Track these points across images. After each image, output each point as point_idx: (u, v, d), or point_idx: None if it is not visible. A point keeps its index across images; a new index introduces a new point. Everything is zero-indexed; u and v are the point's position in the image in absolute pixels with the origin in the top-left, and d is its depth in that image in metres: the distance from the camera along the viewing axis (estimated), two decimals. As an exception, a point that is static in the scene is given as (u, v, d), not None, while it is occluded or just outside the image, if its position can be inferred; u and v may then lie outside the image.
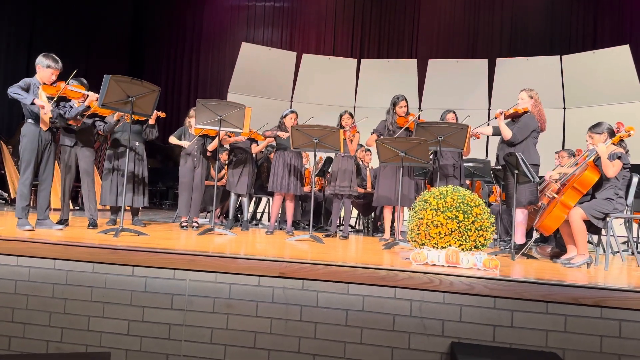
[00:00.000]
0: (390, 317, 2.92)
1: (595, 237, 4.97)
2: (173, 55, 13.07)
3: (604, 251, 4.04)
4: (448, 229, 3.21)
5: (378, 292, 2.94)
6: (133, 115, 4.45)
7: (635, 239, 5.56)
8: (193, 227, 5.42)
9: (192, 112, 5.47)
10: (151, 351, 3.15)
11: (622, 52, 9.43)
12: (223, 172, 6.82)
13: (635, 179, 4.20)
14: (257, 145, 6.07)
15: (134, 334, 3.16)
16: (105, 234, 4.19)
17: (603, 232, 4.11)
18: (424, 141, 4.62)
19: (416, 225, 3.34)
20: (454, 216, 3.20)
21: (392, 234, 5.46)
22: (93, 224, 4.78)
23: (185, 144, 5.43)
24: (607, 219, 3.86)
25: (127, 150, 4.52)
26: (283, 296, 3.03)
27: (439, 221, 3.22)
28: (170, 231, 5.05)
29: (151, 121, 5.28)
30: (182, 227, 5.36)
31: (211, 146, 5.54)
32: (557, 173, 4.60)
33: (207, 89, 12.59)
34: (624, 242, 6.01)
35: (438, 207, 3.24)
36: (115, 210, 5.31)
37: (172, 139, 5.51)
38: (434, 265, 3.17)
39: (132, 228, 4.40)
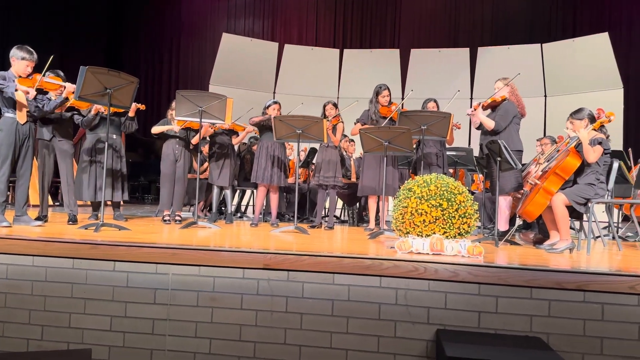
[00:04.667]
0: (376, 306, 2.91)
1: (577, 223, 5.03)
2: (152, 47, 12.87)
3: (586, 236, 4.08)
4: (432, 216, 3.21)
5: (363, 281, 2.93)
6: (111, 108, 4.35)
7: (615, 224, 5.65)
8: (176, 220, 5.35)
9: (174, 104, 5.38)
10: (135, 347, 3.11)
11: (602, 40, 9.53)
12: (206, 164, 6.75)
13: (615, 164, 4.25)
14: (237, 136, 5.99)
15: (117, 329, 3.11)
16: (86, 229, 4.11)
17: (585, 217, 4.16)
18: (407, 130, 4.61)
19: (401, 214, 3.33)
20: (437, 204, 3.20)
21: (377, 223, 5.46)
22: (73, 220, 4.69)
23: (172, 127, 5.34)
24: (589, 204, 3.90)
25: (106, 143, 4.43)
26: (268, 288, 3.00)
27: (423, 209, 3.22)
28: (153, 225, 4.98)
29: (130, 113, 5.17)
30: (165, 221, 5.30)
31: (195, 139, 5.46)
32: (538, 162, 4.65)
33: (188, 81, 12.43)
34: (604, 227, 6.10)
35: (422, 196, 3.24)
36: (97, 206, 5.21)
37: (156, 128, 5.42)
38: (419, 253, 3.17)
39: (113, 223, 4.33)
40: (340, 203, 7.48)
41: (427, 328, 2.86)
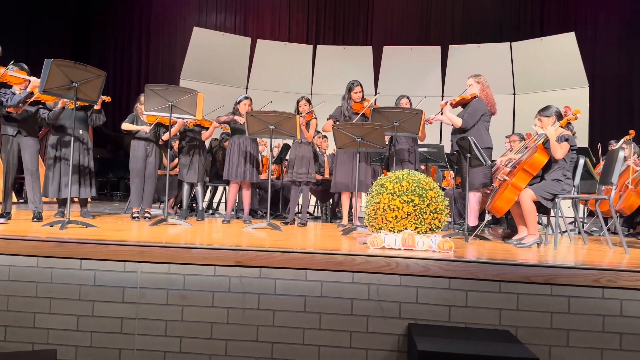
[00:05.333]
0: (348, 302, 2.91)
1: (544, 218, 5.15)
2: (121, 40, 12.57)
3: (553, 231, 4.18)
4: (404, 212, 3.23)
5: (336, 277, 2.93)
6: (78, 102, 4.23)
7: (581, 219, 5.80)
8: (145, 218, 5.25)
9: (142, 98, 5.26)
10: (103, 346, 3.04)
11: (568, 40, 9.77)
12: (176, 161, 6.64)
13: (581, 161, 4.35)
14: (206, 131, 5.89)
15: (84, 329, 3.03)
16: (51, 226, 3.99)
17: (552, 212, 4.26)
18: (380, 126, 4.63)
19: (373, 210, 3.34)
20: (409, 200, 3.23)
21: (350, 219, 5.48)
22: (38, 217, 4.55)
23: (143, 128, 5.22)
24: (556, 199, 4.00)
25: (72, 138, 4.30)
26: (240, 285, 2.97)
27: (395, 205, 3.24)
28: (121, 222, 4.88)
29: (97, 106, 5.04)
30: (134, 218, 5.19)
31: (166, 136, 5.36)
32: (507, 159, 4.73)
33: (158, 75, 12.19)
34: (571, 222, 6.27)
35: (394, 191, 3.25)
36: (63, 203, 5.07)
37: (126, 125, 5.29)
38: (391, 248, 3.19)
39: (79, 220, 4.21)
40: (313, 199, 7.48)
41: (398, 323, 2.88)
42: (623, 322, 2.68)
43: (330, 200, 6.88)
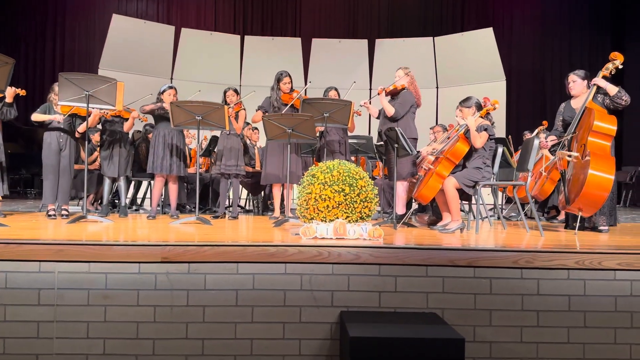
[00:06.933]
0: (281, 293, 2.89)
1: (466, 205, 5.39)
2: (34, 27, 11.64)
3: (475, 217, 4.38)
4: (335, 202, 3.25)
5: (268, 269, 2.89)
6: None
7: (500, 206, 6.14)
8: (62, 215, 4.93)
9: (56, 87, 4.90)
10: (18, 352, 2.82)
11: (486, 35, 10.26)
12: (95, 154, 6.28)
13: (500, 150, 4.59)
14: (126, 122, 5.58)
15: (-6, 336, 2.79)
16: (-47, 227, 3.64)
17: (473, 200, 4.46)
18: (310, 117, 4.62)
19: (305, 200, 3.33)
20: (340, 189, 3.25)
21: (282, 211, 5.45)
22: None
23: (55, 117, 4.86)
24: (477, 186, 4.19)
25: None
26: (167, 282, 2.86)
27: (326, 195, 3.25)
28: (36, 221, 4.55)
29: (8, 99, 4.65)
30: (50, 216, 4.85)
31: (82, 127, 5.04)
32: (431, 149, 4.89)
33: (75, 64, 11.43)
34: (490, 209, 6.61)
35: (325, 181, 3.26)
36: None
37: (37, 116, 4.91)
38: (323, 238, 3.20)
39: (-13, 219, 3.88)
40: (244, 192, 7.37)
41: (331, 311, 2.90)
42: (540, 300, 2.86)
43: (262, 192, 6.81)
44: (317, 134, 5.28)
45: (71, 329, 2.83)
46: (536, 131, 6.43)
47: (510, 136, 7.23)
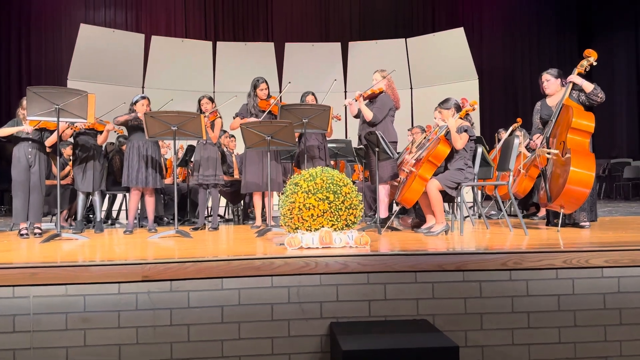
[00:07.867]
0: (268, 307, 2.81)
1: (447, 206, 5.39)
2: (-3, 38, 11.30)
3: (457, 218, 4.38)
4: (320, 210, 3.18)
5: (254, 282, 2.80)
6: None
7: (480, 203, 6.17)
8: (35, 234, 4.74)
9: (24, 102, 4.71)
10: (-8, 384, 2.66)
11: (458, 35, 10.37)
12: (68, 169, 6.08)
13: (479, 150, 4.59)
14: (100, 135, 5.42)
15: (-34, 369, 2.64)
16: None
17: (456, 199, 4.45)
18: (290, 124, 4.55)
19: (288, 210, 3.25)
20: (324, 197, 3.18)
21: (264, 220, 5.35)
22: None
23: (24, 128, 4.67)
24: (460, 188, 4.17)
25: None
26: (149, 301, 2.75)
27: (310, 203, 3.18)
28: (7, 241, 4.36)
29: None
30: (22, 235, 4.66)
31: (49, 141, 4.86)
32: (411, 151, 4.88)
33: (42, 77, 11.12)
34: (470, 207, 6.64)
35: (309, 190, 3.19)
36: None
37: (3, 130, 4.71)
38: (309, 247, 3.12)
39: (-46, 243, 3.69)
40: (223, 201, 7.24)
41: (320, 323, 2.82)
42: (530, 301, 2.84)
43: (242, 201, 6.70)
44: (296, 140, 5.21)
45: (49, 356, 2.69)
46: (511, 129, 6.49)
47: (486, 135, 7.30)
